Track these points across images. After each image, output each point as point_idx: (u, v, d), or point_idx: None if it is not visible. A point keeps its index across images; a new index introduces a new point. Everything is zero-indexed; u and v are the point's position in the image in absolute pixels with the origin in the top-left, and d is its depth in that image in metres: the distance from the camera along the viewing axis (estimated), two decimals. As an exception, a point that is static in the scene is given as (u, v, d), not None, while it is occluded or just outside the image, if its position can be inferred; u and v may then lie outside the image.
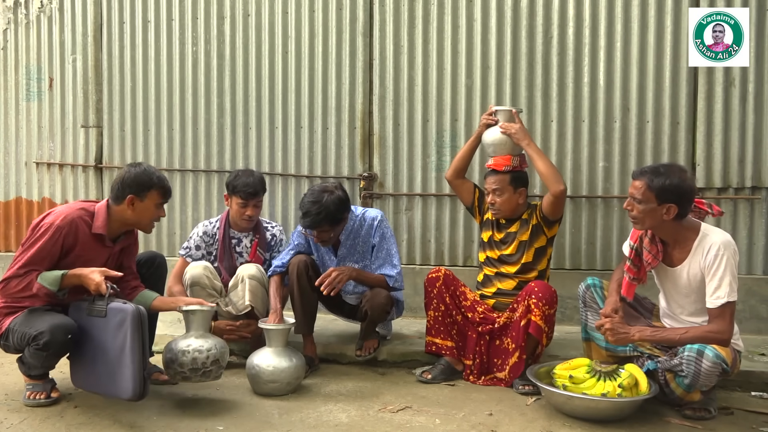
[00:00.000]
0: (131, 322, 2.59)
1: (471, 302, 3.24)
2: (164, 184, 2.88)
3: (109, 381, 2.65)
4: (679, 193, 2.57)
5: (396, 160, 4.23)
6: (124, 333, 2.59)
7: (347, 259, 3.36)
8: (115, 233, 2.89)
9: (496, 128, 3.28)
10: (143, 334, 2.62)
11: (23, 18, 4.72)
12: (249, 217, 3.36)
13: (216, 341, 2.81)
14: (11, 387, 2.99)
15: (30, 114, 4.73)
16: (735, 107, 3.86)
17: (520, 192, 3.24)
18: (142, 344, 2.61)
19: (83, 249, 2.78)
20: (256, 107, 4.40)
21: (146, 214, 2.85)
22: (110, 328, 2.64)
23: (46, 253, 2.70)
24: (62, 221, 2.72)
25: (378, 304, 3.20)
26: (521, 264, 3.23)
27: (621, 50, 3.95)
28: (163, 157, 4.54)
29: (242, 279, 3.22)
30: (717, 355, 2.47)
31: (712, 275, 2.57)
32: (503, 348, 3.11)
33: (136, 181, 2.81)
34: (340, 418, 2.69)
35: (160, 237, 4.56)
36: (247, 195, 3.32)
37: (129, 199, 2.80)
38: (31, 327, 2.64)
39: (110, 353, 2.64)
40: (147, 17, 4.53)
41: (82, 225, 2.77)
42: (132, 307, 2.62)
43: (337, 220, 3.17)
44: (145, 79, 4.55)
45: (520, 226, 3.26)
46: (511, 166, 3.21)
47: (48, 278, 2.67)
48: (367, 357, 3.32)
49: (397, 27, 4.19)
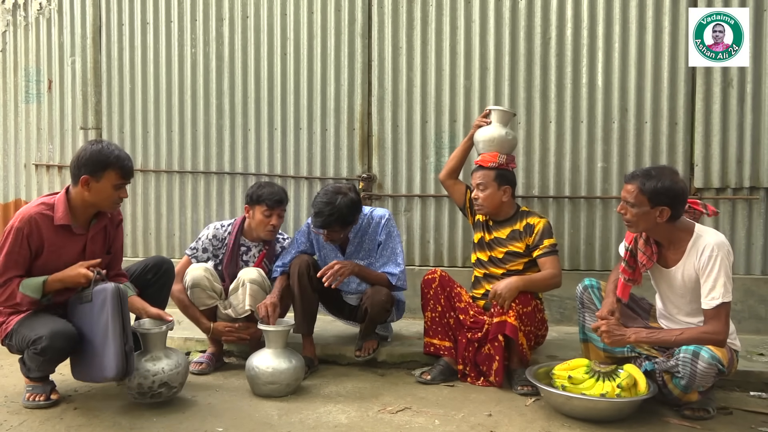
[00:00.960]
0: (111, 300, 2.58)
1: (465, 304, 3.25)
2: (123, 164, 2.69)
3: (97, 364, 2.63)
4: (672, 195, 2.58)
5: (395, 161, 4.24)
6: (107, 312, 2.59)
7: (354, 257, 3.38)
8: (82, 219, 2.79)
9: (487, 127, 3.32)
10: (123, 310, 2.60)
11: (22, 20, 4.73)
12: (273, 227, 3.34)
13: (167, 363, 2.75)
14: (11, 389, 2.99)
15: (29, 116, 4.74)
16: (733, 108, 3.87)
17: (504, 190, 3.24)
18: (122, 320, 2.59)
19: (52, 244, 2.71)
20: (255, 109, 4.40)
21: (103, 195, 2.70)
22: (95, 311, 2.63)
23: (15, 256, 2.66)
24: (20, 222, 2.66)
25: (378, 301, 3.20)
26: (508, 270, 3.25)
27: (619, 51, 3.96)
28: (162, 158, 4.55)
29: (243, 283, 3.22)
30: (712, 356, 2.48)
31: (707, 276, 2.57)
32: (486, 354, 3.12)
33: (91, 160, 2.65)
34: (340, 419, 2.70)
35: (159, 238, 4.57)
36: (274, 203, 3.31)
37: (83, 180, 2.66)
38: (32, 330, 2.64)
39: (98, 336, 2.63)
40: (146, 19, 4.53)
41: (43, 220, 2.69)
42: (111, 286, 2.61)
43: (348, 222, 3.20)
44: (144, 80, 4.55)
45: (510, 235, 3.26)
46: (497, 163, 3.23)
47: (30, 286, 2.66)
48: (367, 358, 3.32)
49: (396, 28, 4.20)
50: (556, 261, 3.16)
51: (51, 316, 2.73)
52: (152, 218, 4.59)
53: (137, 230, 4.60)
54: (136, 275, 3.00)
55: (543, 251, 3.15)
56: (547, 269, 3.14)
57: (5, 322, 2.75)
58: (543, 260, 3.16)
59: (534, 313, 3.10)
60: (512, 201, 3.31)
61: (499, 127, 3.31)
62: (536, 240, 3.18)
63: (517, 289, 3.02)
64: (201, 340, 3.57)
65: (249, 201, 3.38)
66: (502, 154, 3.26)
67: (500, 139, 3.28)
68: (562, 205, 4.07)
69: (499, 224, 3.30)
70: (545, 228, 3.19)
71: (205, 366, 3.29)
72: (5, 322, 2.75)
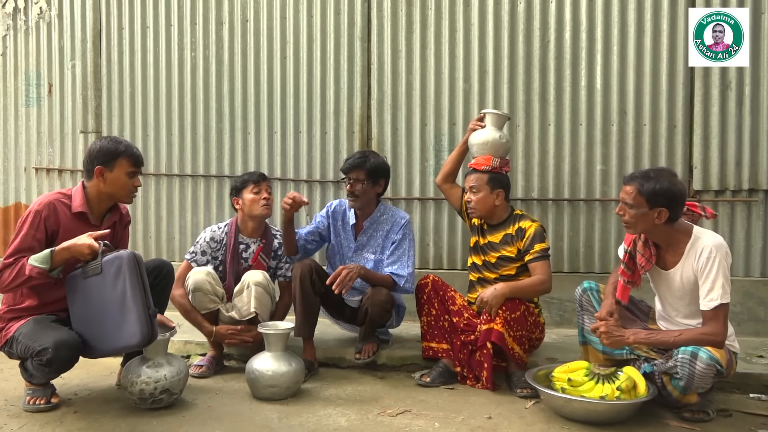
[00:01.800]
0: (128, 266, 2.57)
1: (459, 307, 3.25)
2: (132, 152, 2.83)
3: (117, 334, 2.59)
4: (670, 197, 2.59)
5: (394, 164, 4.24)
6: (123, 279, 2.57)
7: (365, 248, 3.44)
8: (97, 211, 2.86)
9: (481, 130, 3.34)
10: (142, 275, 2.60)
11: (22, 24, 4.74)
12: (266, 200, 3.39)
13: (169, 370, 2.77)
14: (11, 392, 2.99)
15: (29, 120, 4.75)
16: (731, 110, 3.87)
17: (497, 193, 3.24)
18: (143, 285, 2.59)
19: (67, 230, 2.74)
20: (254, 112, 4.41)
21: (118, 183, 2.82)
22: (108, 281, 2.61)
23: (31, 238, 2.68)
24: (40, 206, 2.73)
25: (378, 301, 3.21)
26: (500, 275, 3.25)
27: (618, 54, 3.97)
28: (162, 162, 4.56)
29: (248, 285, 3.23)
30: (711, 356, 2.48)
31: (705, 278, 2.58)
32: (477, 360, 3.12)
33: (102, 151, 2.79)
34: (340, 422, 2.70)
35: (160, 242, 4.57)
36: (258, 178, 3.42)
37: (98, 171, 2.77)
38: (36, 341, 2.62)
39: (113, 306, 2.59)
40: (146, 23, 4.55)
41: (62, 207, 2.77)
42: (127, 252, 2.62)
43: (372, 174, 3.34)
44: (144, 84, 4.56)
45: (503, 240, 3.25)
46: (490, 166, 3.23)
47: (38, 258, 2.63)
48: (366, 360, 3.32)
49: (395, 32, 4.21)
50: (546, 266, 3.13)
51: (53, 324, 2.72)
52: (152, 221, 4.60)
53: (137, 233, 4.60)
54: None
55: (534, 256, 3.14)
56: (536, 275, 3.12)
57: (5, 328, 2.75)
58: (533, 265, 3.14)
59: (524, 317, 3.08)
60: (506, 204, 3.31)
61: (493, 130, 3.32)
62: (527, 244, 3.16)
63: (503, 296, 3.02)
64: (201, 344, 3.57)
65: (235, 193, 3.46)
66: (496, 158, 3.26)
67: (494, 143, 3.28)
68: (562, 207, 4.08)
69: (493, 228, 3.30)
70: (537, 232, 3.16)
71: (205, 369, 3.30)
72: (5, 328, 2.75)
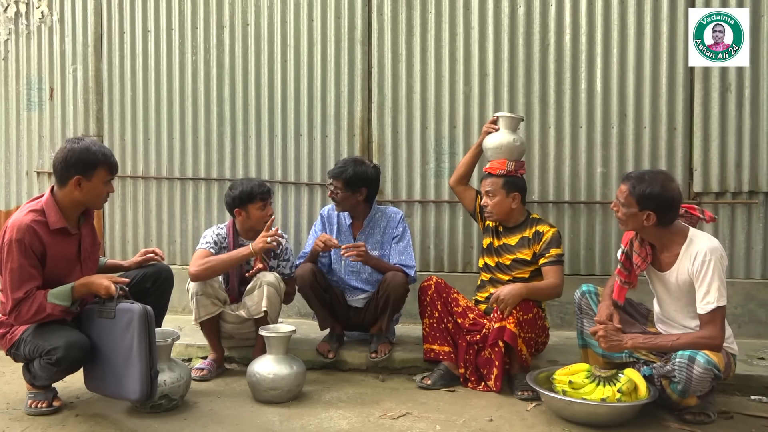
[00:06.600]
0: (138, 322, 2.58)
1: (462, 308, 3.26)
2: (110, 161, 2.75)
3: (118, 382, 2.64)
4: (658, 202, 2.60)
5: (395, 167, 4.25)
6: (132, 333, 2.59)
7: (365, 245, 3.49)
8: (72, 219, 2.80)
9: (495, 134, 3.34)
10: (150, 333, 2.61)
11: (24, 28, 4.75)
12: (271, 216, 3.39)
13: (170, 376, 2.79)
14: (13, 396, 3.00)
15: (31, 124, 4.75)
16: (731, 112, 3.88)
17: (513, 196, 3.25)
18: (149, 343, 2.60)
19: (52, 248, 2.71)
20: (255, 115, 4.42)
21: (95, 192, 2.75)
22: (118, 330, 2.63)
23: (29, 267, 2.64)
24: (17, 233, 2.63)
25: (399, 282, 3.28)
26: (514, 277, 3.26)
27: (617, 56, 3.98)
28: (163, 165, 4.56)
29: (260, 284, 3.26)
30: (708, 360, 2.49)
31: (701, 281, 2.59)
32: (486, 357, 3.12)
33: (81, 159, 2.68)
34: (341, 425, 2.70)
35: (160, 245, 4.56)
36: (266, 195, 3.41)
37: (75, 180, 2.69)
38: (46, 340, 2.63)
39: (119, 354, 2.63)
40: (147, 27, 4.56)
41: (40, 227, 2.67)
42: (139, 307, 2.61)
43: (350, 184, 3.39)
44: (145, 88, 4.57)
45: (519, 243, 3.27)
46: (505, 170, 3.25)
47: (59, 295, 2.65)
48: (382, 358, 3.35)
49: (395, 35, 4.22)
50: (560, 271, 3.17)
51: (63, 326, 2.73)
52: (153, 225, 4.60)
53: (138, 237, 4.60)
54: (134, 284, 2.97)
55: (549, 260, 3.17)
56: (549, 278, 3.15)
57: (10, 332, 2.76)
58: (547, 269, 3.17)
59: (535, 320, 3.11)
60: (522, 207, 3.33)
61: (507, 133, 3.34)
62: (543, 248, 3.19)
63: (520, 296, 3.03)
64: (202, 347, 3.57)
65: (239, 203, 3.38)
66: (511, 161, 3.27)
67: (508, 146, 3.30)
68: (562, 210, 4.08)
69: (509, 231, 3.32)
70: (554, 237, 3.20)
71: (207, 372, 3.30)
72: (10, 331, 2.76)
